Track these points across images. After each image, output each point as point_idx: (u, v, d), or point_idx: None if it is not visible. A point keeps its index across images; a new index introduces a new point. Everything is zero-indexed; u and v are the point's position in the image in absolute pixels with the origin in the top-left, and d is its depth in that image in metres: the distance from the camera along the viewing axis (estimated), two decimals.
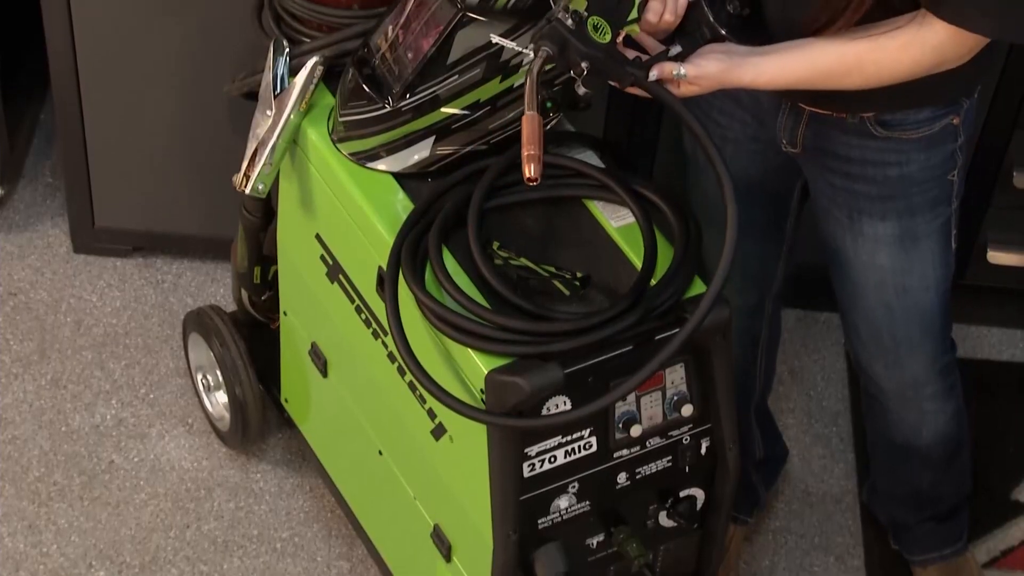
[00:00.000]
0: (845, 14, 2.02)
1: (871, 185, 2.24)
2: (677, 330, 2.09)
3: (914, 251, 2.28)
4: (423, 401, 2.24)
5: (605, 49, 1.98)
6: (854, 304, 2.37)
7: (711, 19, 2.06)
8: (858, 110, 2.18)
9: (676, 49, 2.05)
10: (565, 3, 1.99)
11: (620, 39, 2.01)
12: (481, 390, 2.07)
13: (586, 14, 1.97)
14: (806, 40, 2.05)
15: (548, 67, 2.02)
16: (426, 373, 2.09)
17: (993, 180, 2.87)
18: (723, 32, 2.07)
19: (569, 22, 1.97)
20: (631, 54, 2.03)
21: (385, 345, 2.28)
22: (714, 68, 2.04)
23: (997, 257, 2.94)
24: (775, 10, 2.11)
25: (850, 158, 2.23)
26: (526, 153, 1.94)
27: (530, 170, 1.95)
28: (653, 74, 2.02)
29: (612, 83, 2.02)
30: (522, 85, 2.19)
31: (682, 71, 2.02)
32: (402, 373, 2.26)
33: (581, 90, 2.02)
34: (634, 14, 2.04)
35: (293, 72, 2.35)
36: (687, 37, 2.07)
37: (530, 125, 1.95)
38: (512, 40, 2.15)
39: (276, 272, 2.61)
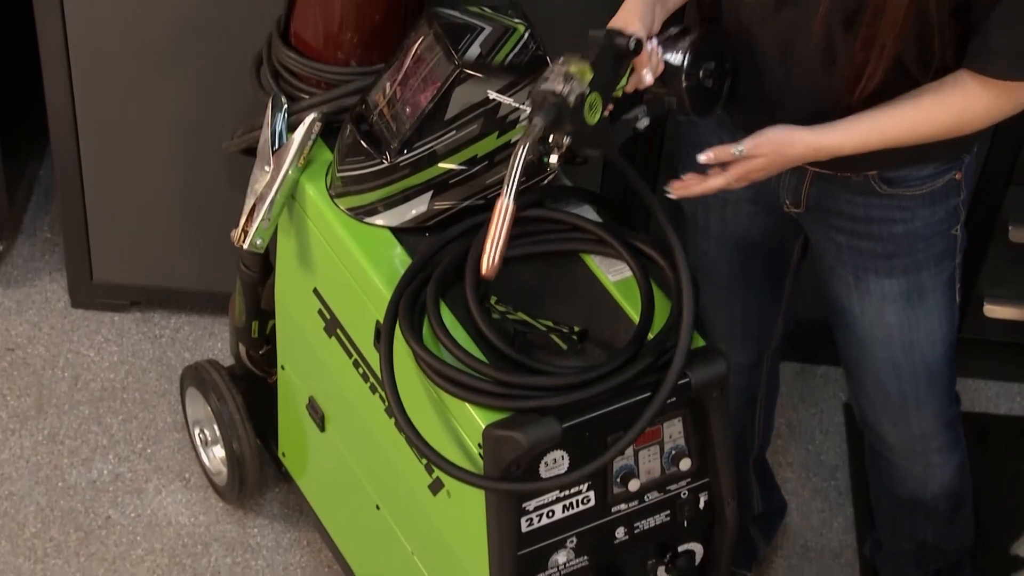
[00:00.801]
0: (867, 71, 2.04)
1: (877, 242, 2.24)
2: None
3: (920, 307, 2.28)
4: (420, 455, 2.23)
5: (593, 129, 1.99)
6: (860, 361, 2.36)
7: (683, 85, 2.08)
8: (863, 169, 2.18)
9: (644, 121, 2.09)
10: (570, 78, 1.97)
11: (607, 112, 2.03)
12: (478, 444, 2.07)
13: (588, 90, 1.97)
14: (868, 111, 2.07)
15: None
16: (420, 435, 2.09)
17: (989, 234, 2.87)
18: (687, 105, 2.09)
19: (572, 98, 1.96)
20: None
21: (383, 399, 2.28)
22: (774, 135, 2.08)
23: (994, 311, 2.94)
24: (778, 76, 2.12)
25: (855, 216, 2.24)
26: (487, 246, 1.93)
27: (486, 264, 1.94)
28: (710, 155, 2.08)
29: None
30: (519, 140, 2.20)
31: (740, 149, 2.07)
32: (399, 428, 2.26)
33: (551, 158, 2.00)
34: (623, 81, 2.06)
35: (291, 128, 2.36)
36: (652, 103, 2.10)
37: (500, 215, 1.94)
38: (509, 96, 2.16)
39: (274, 326, 2.61)
